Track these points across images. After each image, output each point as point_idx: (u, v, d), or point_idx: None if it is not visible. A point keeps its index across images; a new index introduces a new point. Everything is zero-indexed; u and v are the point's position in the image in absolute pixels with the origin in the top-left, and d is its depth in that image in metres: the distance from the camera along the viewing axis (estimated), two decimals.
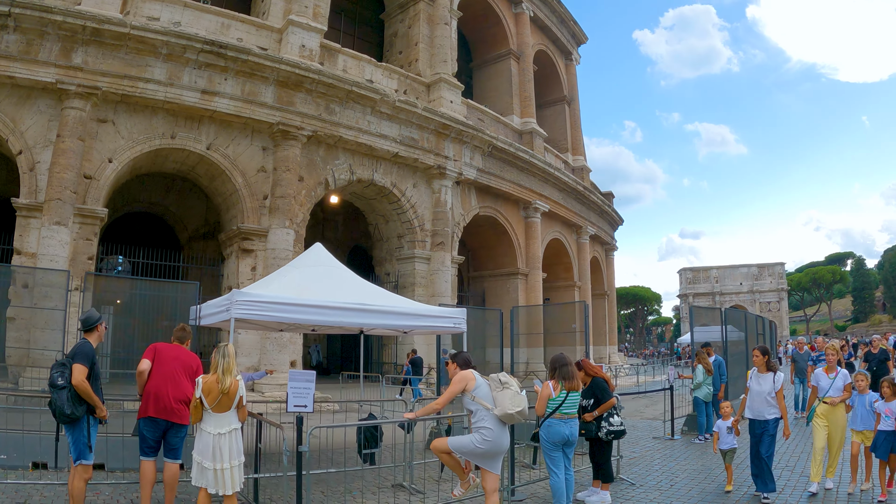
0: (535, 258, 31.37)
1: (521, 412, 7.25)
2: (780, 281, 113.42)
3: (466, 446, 7.29)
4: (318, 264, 10.57)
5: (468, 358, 7.71)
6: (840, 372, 9.65)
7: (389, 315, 9.80)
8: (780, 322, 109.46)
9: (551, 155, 35.39)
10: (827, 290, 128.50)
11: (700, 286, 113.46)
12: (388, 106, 22.78)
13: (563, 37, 40.13)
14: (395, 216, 24.94)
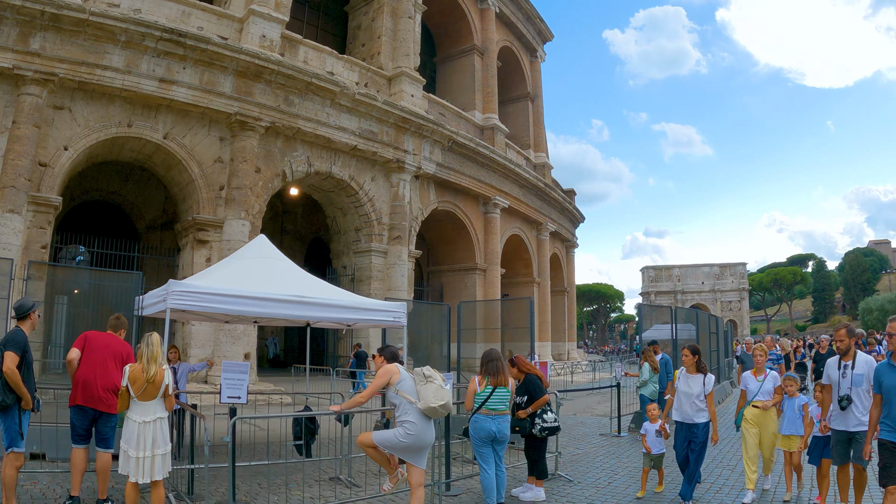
0: (494, 254, 31.69)
1: (444, 406, 7.29)
2: (741, 281, 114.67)
3: (390, 440, 7.30)
4: (261, 256, 10.62)
5: (395, 351, 7.77)
6: (769, 374, 9.35)
7: (327, 308, 9.89)
8: (740, 321, 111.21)
9: (513, 151, 35.70)
10: (788, 290, 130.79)
11: (662, 284, 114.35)
12: (348, 98, 22.88)
13: (529, 34, 40.43)
14: (353, 209, 25.06)
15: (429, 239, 32.21)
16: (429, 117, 26.26)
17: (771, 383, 9.25)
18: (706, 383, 8.64)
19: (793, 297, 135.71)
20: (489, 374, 8.52)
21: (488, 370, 8.54)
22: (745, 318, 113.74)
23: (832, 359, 8.01)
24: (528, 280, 37.35)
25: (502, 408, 8.50)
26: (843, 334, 7.83)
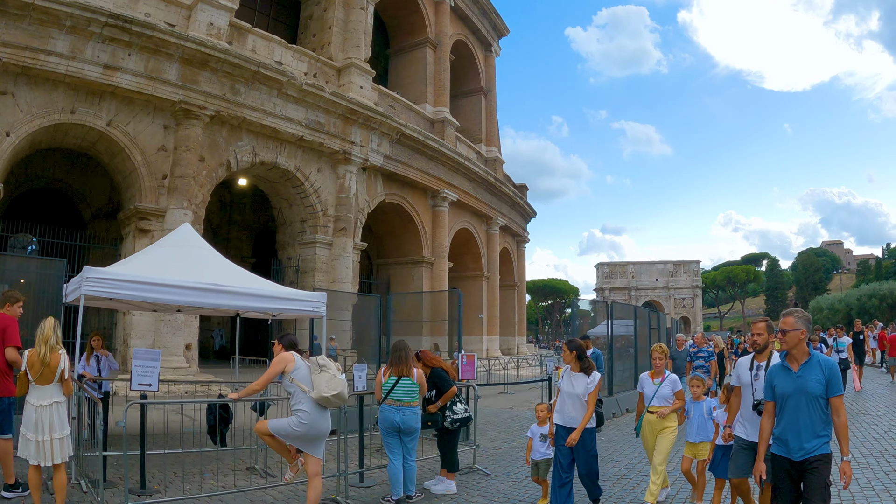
0: (442, 247, 32.05)
1: (337, 396, 7.26)
2: (694, 278, 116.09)
3: (284, 429, 7.28)
4: (183, 245, 10.68)
5: (294, 340, 7.76)
6: (667, 377, 8.49)
7: (243, 297, 10.03)
8: (693, 318, 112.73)
9: (464, 145, 36.03)
10: (741, 288, 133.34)
11: (616, 281, 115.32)
12: (295, 89, 23.01)
13: (484, 28, 40.76)
14: (299, 200, 25.19)
15: (377, 231, 32.42)
16: (377, 109, 26.47)
17: (669, 387, 8.42)
18: (590, 382, 7.73)
19: (746, 295, 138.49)
20: (392, 364, 8.64)
21: (391, 360, 8.67)
22: (698, 314, 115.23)
23: (744, 358, 7.13)
24: (476, 274, 37.76)
25: (408, 399, 8.58)
26: (762, 328, 6.85)
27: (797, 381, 5.49)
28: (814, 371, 5.46)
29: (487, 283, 37.89)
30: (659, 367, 8.58)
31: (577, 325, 18.58)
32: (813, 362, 5.50)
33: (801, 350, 5.55)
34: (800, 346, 5.55)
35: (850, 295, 78.84)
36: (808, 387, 5.41)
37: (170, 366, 18.42)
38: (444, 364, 9.73)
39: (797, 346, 5.55)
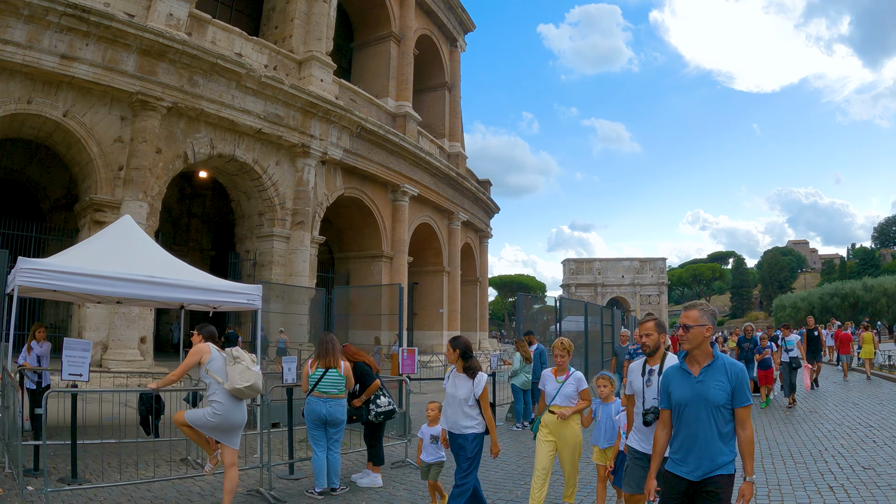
0: (401, 242, 32.25)
1: (250, 387, 7.32)
2: (660, 275, 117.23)
3: (200, 419, 7.32)
4: (124, 237, 10.74)
5: (213, 331, 7.86)
6: (571, 375, 7.74)
7: (177, 289, 10.10)
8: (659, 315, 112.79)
9: (426, 139, 36.21)
10: (707, 286, 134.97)
11: (583, 277, 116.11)
12: (254, 81, 23.08)
13: (450, 23, 40.89)
14: (257, 193, 25.27)
15: (337, 225, 32.50)
16: (337, 102, 26.60)
17: (573, 386, 7.66)
18: (477, 383, 7.18)
19: (712, 293, 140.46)
20: (319, 356, 8.79)
21: (318, 352, 8.82)
22: (663, 311, 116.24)
23: (635, 362, 6.63)
24: (437, 269, 38.05)
25: (335, 391, 8.72)
26: (651, 327, 6.31)
27: (697, 387, 4.71)
28: (717, 376, 4.69)
29: (448, 278, 38.16)
30: (561, 363, 7.85)
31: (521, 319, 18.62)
32: (717, 366, 4.73)
33: (704, 351, 4.78)
34: (703, 345, 4.78)
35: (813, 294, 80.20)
36: (709, 394, 4.64)
37: (123, 358, 18.54)
38: (367, 358, 9.82)
39: (700, 346, 4.77)
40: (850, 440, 12.36)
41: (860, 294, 70.20)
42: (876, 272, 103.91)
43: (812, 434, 13.22)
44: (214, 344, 7.71)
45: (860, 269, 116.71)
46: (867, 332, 26.09)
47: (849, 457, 10.78)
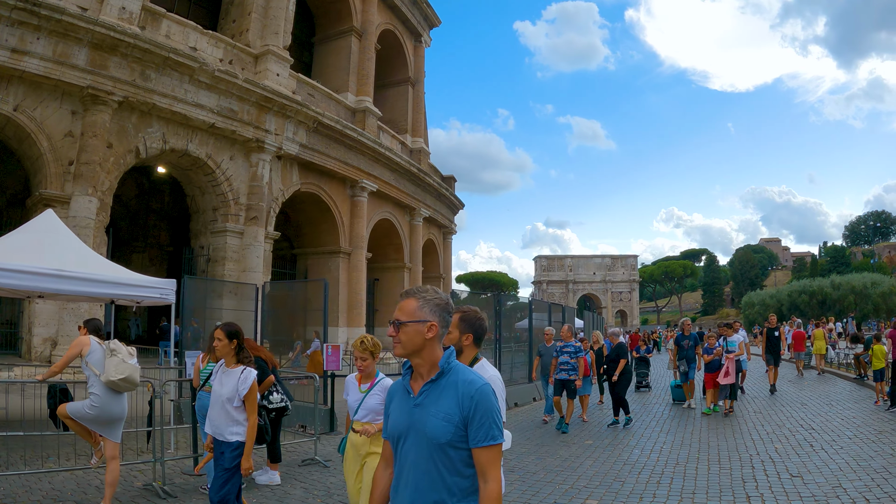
0: (360, 238, 32.35)
1: (125, 380, 7.30)
2: (632, 272, 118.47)
3: (79, 411, 7.35)
4: (44, 231, 10.83)
5: (98, 325, 7.93)
6: (378, 382, 6.38)
7: (88, 283, 10.19)
8: (630, 312, 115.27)
9: (387, 135, 36.28)
10: (679, 283, 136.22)
11: (554, 274, 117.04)
12: (207, 75, 23.10)
13: (414, 18, 40.95)
14: (211, 188, 25.28)
15: (296, 221, 32.58)
16: (293, 97, 26.67)
17: (378, 397, 6.19)
18: (243, 380, 6.21)
19: (683, 290, 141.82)
20: (209, 350, 8.64)
21: (209, 346, 8.54)
22: (634, 308, 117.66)
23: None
24: (398, 265, 38.17)
25: None
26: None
27: (414, 412, 3.21)
28: (442, 399, 3.14)
29: (410, 275, 38.30)
30: (364, 368, 6.43)
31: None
32: (443, 384, 3.17)
33: (428, 360, 3.22)
34: (426, 352, 3.22)
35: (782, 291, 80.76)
36: (427, 425, 3.12)
37: None
38: (263, 353, 9.65)
39: (421, 353, 3.22)
40: (787, 444, 12.04)
41: (828, 292, 70.76)
42: (847, 270, 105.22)
43: (749, 437, 12.95)
44: (98, 337, 7.78)
45: (831, 267, 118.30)
46: (818, 329, 26.55)
47: (779, 462, 10.47)
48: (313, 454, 10.95)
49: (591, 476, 10.07)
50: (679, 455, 11.39)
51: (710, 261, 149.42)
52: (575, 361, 14.65)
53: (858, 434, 12.56)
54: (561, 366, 14.61)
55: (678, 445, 12.41)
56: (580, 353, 14.82)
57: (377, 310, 37.67)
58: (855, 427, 13.46)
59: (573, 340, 15.11)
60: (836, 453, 10.96)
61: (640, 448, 12.22)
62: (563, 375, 14.53)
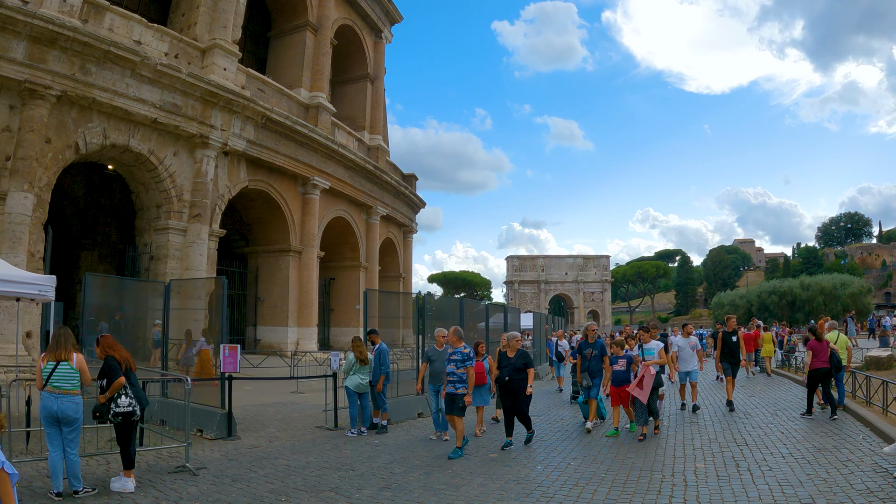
0: (311, 236, 32.32)
1: None
2: (604, 273, 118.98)
3: None
4: None
5: None
6: None
7: None
8: (602, 312, 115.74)
9: (343, 132, 36.26)
10: (652, 283, 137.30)
11: (526, 274, 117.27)
12: (150, 69, 22.93)
13: (374, 14, 41.02)
14: (154, 185, 25.09)
15: (246, 219, 32.50)
16: (241, 92, 26.59)
17: None
18: None
19: (656, 290, 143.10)
20: (50, 349, 8.47)
21: (50, 345, 8.52)
22: (607, 308, 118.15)
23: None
24: (354, 264, 38.21)
25: (67, 386, 8.33)
26: None
27: None
28: None
29: (366, 274, 38.35)
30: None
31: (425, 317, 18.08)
32: None
33: None
34: None
35: (752, 291, 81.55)
36: None
37: (4, 353, 18.31)
38: (118, 353, 9.19)
39: None
40: (712, 463, 10.58)
41: (797, 292, 71.54)
42: (819, 271, 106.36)
43: (671, 453, 11.38)
44: None
45: (803, 268, 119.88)
46: (767, 332, 26.87)
47: (692, 488, 9.10)
48: (185, 461, 10.28)
49: (472, 497, 8.87)
50: (583, 475, 10.02)
51: (684, 261, 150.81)
52: (463, 372, 11.92)
53: (795, 452, 10.97)
54: (447, 377, 12.04)
55: (588, 462, 10.94)
56: (468, 360, 12.00)
57: (332, 309, 37.68)
58: (793, 443, 11.80)
59: (462, 345, 12.28)
60: (762, 476, 9.49)
61: (543, 465, 10.88)
62: (451, 388, 11.89)
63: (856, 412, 14.41)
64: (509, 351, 12.64)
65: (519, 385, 12.25)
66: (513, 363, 12.42)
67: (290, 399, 19.93)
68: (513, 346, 12.70)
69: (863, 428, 12.91)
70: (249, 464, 10.82)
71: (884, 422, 12.65)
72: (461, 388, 11.77)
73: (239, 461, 11.02)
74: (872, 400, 14.85)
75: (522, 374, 12.34)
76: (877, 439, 11.62)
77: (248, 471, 10.27)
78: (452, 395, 11.82)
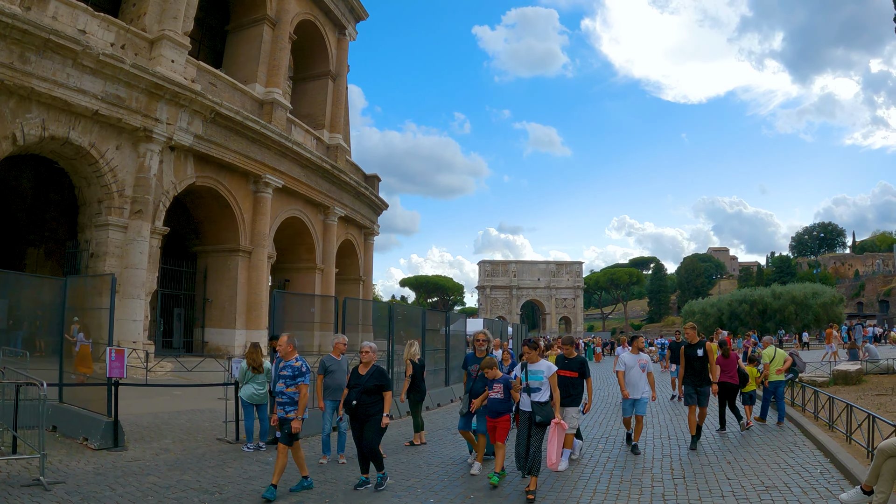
0: (262, 235, 31.81)
1: None
2: (577, 279, 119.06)
3: None
4: None
5: None
6: None
7: None
8: (574, 318, 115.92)
9: (300, 129, 35.84)
10: (625, 290, 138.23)
11: (498, 279, 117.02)
12: (92, 59, 22.38)
13: (338, 10, 40.64)
14: (96, 179, 24.49)
15: (196, 217, 31.94)
16: (188, 85, 26.08)
17: None
18: None
19: (630, 297, 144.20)
20: None
21: None
22: (579, 315, 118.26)
23: None
24: (310, 266, 37.77)
25: None
26: None
27: None
28: None
29: (322, 276, 37.95)
30: None
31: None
32: None
33: None
34: None
35: (723, 299, 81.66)
36: None
37: None
38: None
39: None
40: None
41: (769, 301, 71.47)
42: (792, 280, 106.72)
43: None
44: None
45: (776, 277, 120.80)
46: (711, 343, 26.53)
47: None
48: (40, 474, 9.54)
49: None
50: None
51: (658, 269, 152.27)
52: (294, 391, 9.72)
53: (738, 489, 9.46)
54: (277, 396, 9.86)
55: None
56: (301, 377, 9.71)
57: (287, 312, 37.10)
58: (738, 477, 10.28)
59: (295, 357, 9.93)
60: None
61: None
62: (280, 412, 9.70)
63: (815, 438, 12.93)
64: (361, 367, 10.11)
65: (369, 411, 9.85)
66: (363, 383, 9.89)
67: (211, 406, 17.90)
68: (365, 360, 10.14)
69: (822, 459, 11.37)
70: (114, 480, 9.97)
71: (847, 452, 11.13)
72: (291, 410, 9.61)
73: (106, 476, 10.19)
74: (836, 424, 13.50)
75: (375, 397, 9.91)
76: (837, 475, 10.21)
77: (106, 488, 9.45)
78: (282, 420, 9.65)
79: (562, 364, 11.60)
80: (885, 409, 15.36)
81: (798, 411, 16.96)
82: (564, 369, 11.47)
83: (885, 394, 18.82)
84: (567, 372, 11.55)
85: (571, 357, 11.98)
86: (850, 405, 12.59)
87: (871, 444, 10.32)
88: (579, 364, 11.87)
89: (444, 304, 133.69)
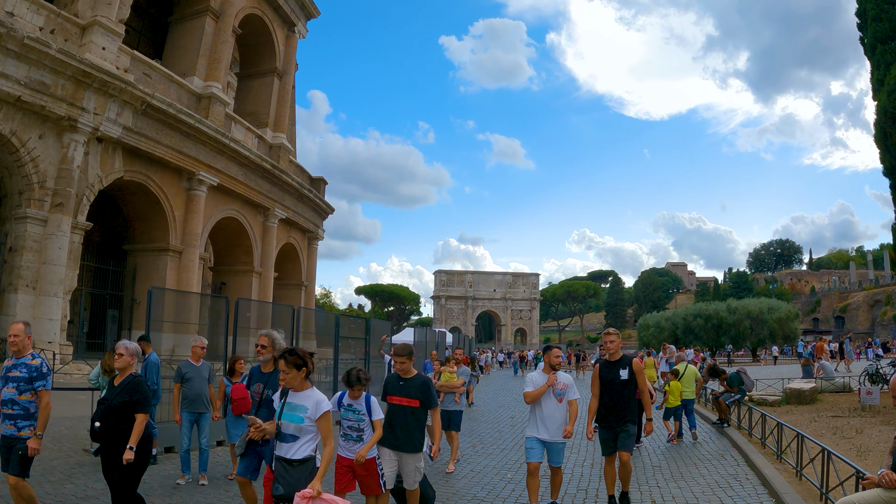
0: (194, 235, 30.97)
1: None
2: (533, 291, 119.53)
3: None
4: None
5: None
6: None
7: None
8: (530, 330, 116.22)
9: (241, 127, 35.16)
10: (582, 303, 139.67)
11: (454, 289, 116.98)
12: (16, 42, 21.49)
13: (287, 6, 40.02)
14: (16, 169, 23.55)
15: (127, 213, 31.01)
16: (119, 74, 25.27)
17: None
18: None
19: (587, 310, 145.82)
20: None
21: None
22: (535, 327, 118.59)
23: None
24: (247, 269, 36.96)
25: None
26: None
27: None
28: None
29: (260, 280, 37.17)
30: None
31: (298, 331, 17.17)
32: None
33: None
34: None
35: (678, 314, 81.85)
36: None
37: None
38: None
39: None
40: None
41: (724, 315, 71.58)
42: (748, 295, 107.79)
43: None
44: None
45: (733, 292, 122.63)
46: (649, 357, 26.36)
47: None
48: None
49: None
50: None
51: (615, 282, 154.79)
52: (30, 399, 7.02)
53: None
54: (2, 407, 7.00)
55: None
56: (41, 380, 7.04)
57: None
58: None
59: (30, 354, 7.18)
60: None
61: None
62: (9, 428, 6.94)
63: (760, 471, 11.36)
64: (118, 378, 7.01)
65: (114, 440, 6.66)
66: (112, 402, 6.75)
67: None
68: (119, 365, 6.97)
69: (767, 500, 9.71)
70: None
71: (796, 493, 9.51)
72: (25, 426, 6.95)
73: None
74: (784, 454, 11.88)
75: (124, 422, 6.69)
76: None
77: None
78: (11, 440, 6.92)
79: (393, 387, 7.83)
80: (841, 434, 14.53)
81: (744, 436, 15.32)
82: (396, 395, 7.73)
83: (842, 415, 17.77)
84: (401, 399, 7.68)
85: (408, 377, 7.86)
86: (802, 435, 10.69)
87: (826, 483, 8.91)
88: (420, 388, 7.72)
89: (400, 314, 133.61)
